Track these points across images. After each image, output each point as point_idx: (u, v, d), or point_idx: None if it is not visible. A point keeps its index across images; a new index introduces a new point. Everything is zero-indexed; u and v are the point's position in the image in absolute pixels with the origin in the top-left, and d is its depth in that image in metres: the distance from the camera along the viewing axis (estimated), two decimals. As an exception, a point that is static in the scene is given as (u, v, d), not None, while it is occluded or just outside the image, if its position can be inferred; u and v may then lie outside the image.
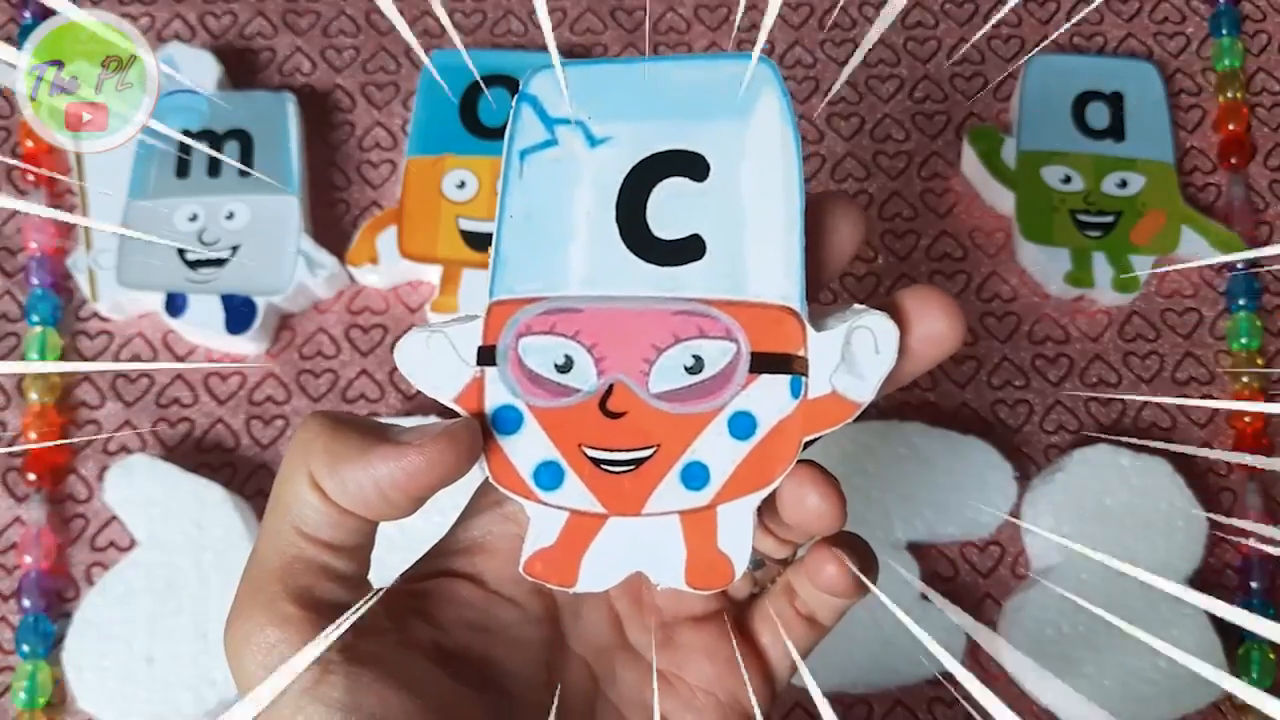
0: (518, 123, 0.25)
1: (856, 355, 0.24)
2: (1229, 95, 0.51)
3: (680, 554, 0.25)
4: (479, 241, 0.47)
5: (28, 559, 0.44)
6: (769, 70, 0.25)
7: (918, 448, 0.45)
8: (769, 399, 0.24)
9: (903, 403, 0.47)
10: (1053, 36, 0.52)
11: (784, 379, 0.24)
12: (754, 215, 0.25)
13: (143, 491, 0.44)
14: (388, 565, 0.45)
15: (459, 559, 0.27)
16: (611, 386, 0.25)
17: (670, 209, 0.25)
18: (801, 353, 0.24)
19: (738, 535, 0.25)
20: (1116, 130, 0.50)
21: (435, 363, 0.25)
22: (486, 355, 0.25)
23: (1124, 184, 0.49)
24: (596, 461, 0.25)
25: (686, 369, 0.25)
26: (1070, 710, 0.40)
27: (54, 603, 0.44)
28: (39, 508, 0.45)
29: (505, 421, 0.25)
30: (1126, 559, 0.45)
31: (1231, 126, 0.51)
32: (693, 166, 0.25)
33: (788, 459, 0.24)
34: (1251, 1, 0.54)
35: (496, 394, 0.25)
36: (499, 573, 0.26)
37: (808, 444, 0.24)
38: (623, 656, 0.28)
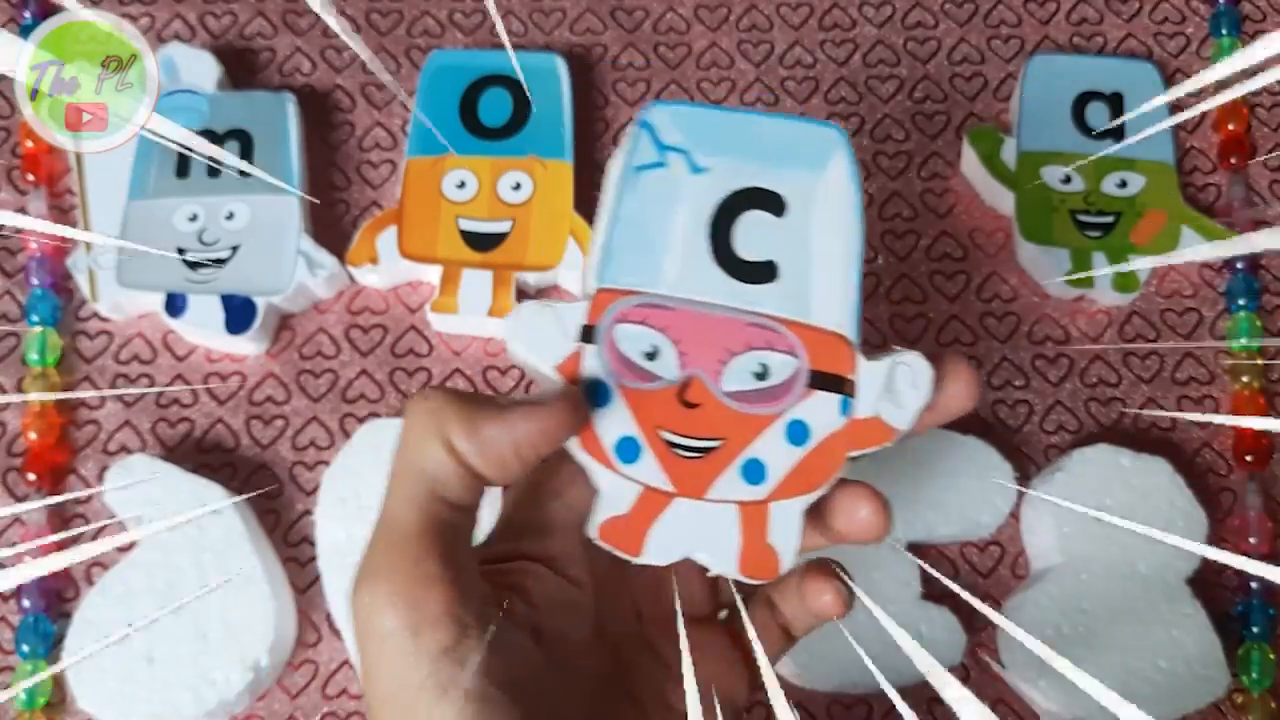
0: (636, 144, 0.30)
1: (898, 387, 0.28)
2: (1229, 95, 0.51)
3: (736, 543, 0.28)
4: (479, 241, 0.47)
5: (28, 559, 0.44)
6: (841, 138, 0.29)
7: (918, 448, 0.45)
8: (822, 413, 0.28)
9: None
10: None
11: (836, 397, 0.28)
12: (820, 253, 0.29)
13: (143, 491, 0.44)
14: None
15: (527, 542, 0.28)
16: (690, 379, 0.28)
17: (752, 235, 0.29)
18: (851, 376, 0.28)
19: (787, 532, 0.28)
20: (1116, 130, 0.50)
21: (543, 332, 0.28)
22: (587, 334, 0.28)
23: (1124, 184, 0.49)
24: (670, 444, 0.28)
25: (754, 374, 0.28)
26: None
27: (54, 603, 0.44)
28: (39, 508, 0.45)
29: (596, 395, 0.28)
30: (1126, 560, 0.46)
31: (1231, 126, 0.51)
32: (774, 204, 0.29)
33: (834, 470, 0.28)
34: (1251, 1, 0.54)
35: (591, 369, 0.28)
36: (568, 555, 0.28)
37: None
38: (641, 648, 0.30)
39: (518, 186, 0.48)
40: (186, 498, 0.44)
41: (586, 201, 0.49)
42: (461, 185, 0.48)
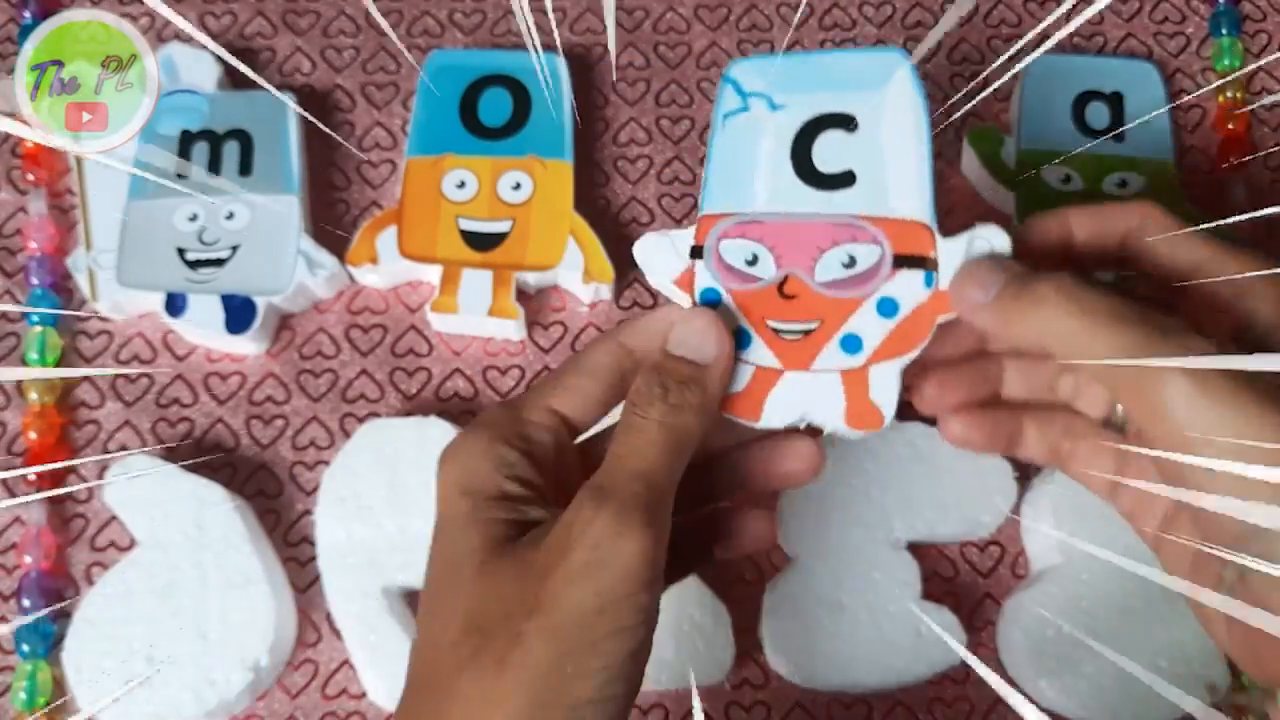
0: (722, 95, 0.35)
1: (977, 255, 0.32)
2: (1229, 95, 0.51)
3: (841, 404, 0.33)
4: (479, 241, 0.47)
5: (28, 559, 0.44)
6: (904, 58, 0.34)
7: (918, 448, 0.45)
8: (908, 288, 0.33)
9: (904, 402, 0.47)
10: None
11: (919, 273, 0.33)
12: (892, 156, 0.33)
13: (143, 491, 0.44)
14: (388, 565, 0.45)
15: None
16: (787, 277, 0.33)
17: (830, 151, 0.34)
18: (932, 254, 0.32)
19: (886, 390, 0.32)
20: (1117, 130, 0.50)
21: (661, 255, 0.34)
22: (696, 252, 0.34)
23: (1124, 184, 0.49)
24: (775, 331, 0.33)
25: (843, 265, 0.33)
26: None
27: (54, 603, 0.44)
28: (39, 508, 0.45)
29: (709, 300, 0.34)
30: (1127, 559, 0.45)
31: (1231, 126, 0.51)
32: (846, 122, 0.34)
33: (924, 335, 0.32)
34: (1251, 1, 0.54)
35: (702, 279, 0.34)
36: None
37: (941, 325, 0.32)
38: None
39: (518, 186, 0.48)
40: (186, 498, 0.44)
41: (586, 201, 0.49)
42: (461, 185, 0.48)
